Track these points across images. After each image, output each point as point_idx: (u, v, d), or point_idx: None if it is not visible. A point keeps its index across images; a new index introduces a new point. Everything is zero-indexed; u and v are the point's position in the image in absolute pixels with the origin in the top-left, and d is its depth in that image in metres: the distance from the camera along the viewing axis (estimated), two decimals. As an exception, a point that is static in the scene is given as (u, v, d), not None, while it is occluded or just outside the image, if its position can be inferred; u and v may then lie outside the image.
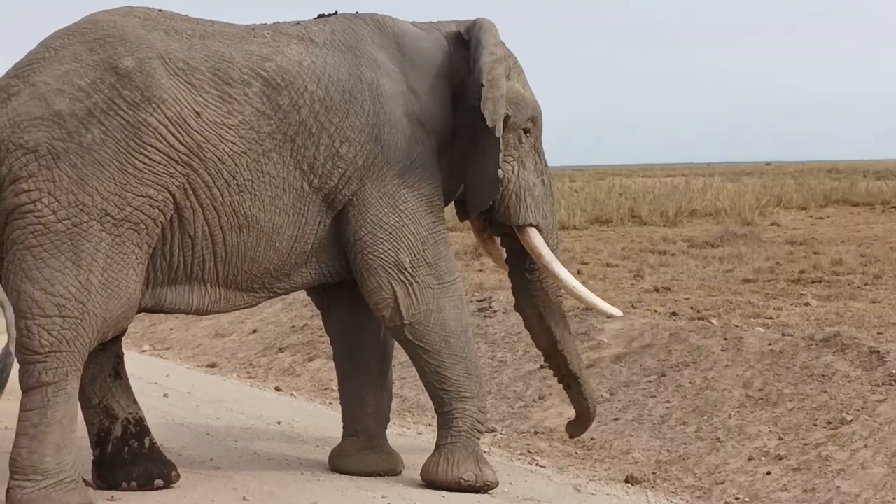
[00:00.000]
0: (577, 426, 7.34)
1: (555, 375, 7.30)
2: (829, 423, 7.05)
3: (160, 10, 6.16)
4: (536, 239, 6.81)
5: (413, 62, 6.50)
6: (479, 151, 6.53)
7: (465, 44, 6.61)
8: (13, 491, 5.75)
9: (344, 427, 7.01)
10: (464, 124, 6.58)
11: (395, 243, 6.30)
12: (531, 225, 6.79)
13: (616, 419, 7.96)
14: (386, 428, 7.04)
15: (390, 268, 6.31)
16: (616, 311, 7.24)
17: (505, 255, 7.10)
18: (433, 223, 6.42)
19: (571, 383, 7.17)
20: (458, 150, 6.63)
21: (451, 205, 6.93)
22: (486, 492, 6.51)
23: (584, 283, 12.76)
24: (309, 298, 7.72)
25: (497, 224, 6.95)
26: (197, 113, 5.84)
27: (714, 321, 9.31)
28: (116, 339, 6.37)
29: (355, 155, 6.19)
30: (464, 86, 6.57)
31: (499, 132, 6.37)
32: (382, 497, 6.39)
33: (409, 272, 6.33)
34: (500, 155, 6.41)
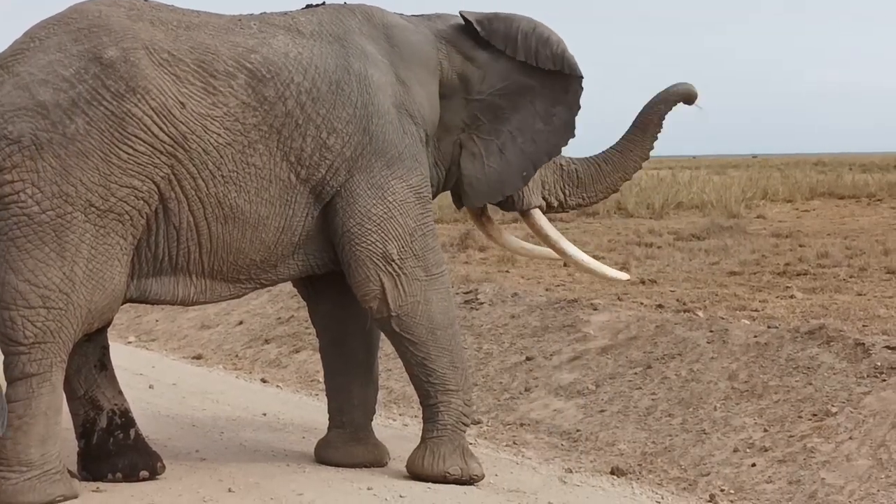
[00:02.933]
0: None
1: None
2: (815, 415, 7.06)
3: (146, 0, 6.13)
4: (542, 220, 6.92)
5: (402, 53, 6.48)
6: (485, 146, 6.61)
7: (465, 37, 6.66)
8: (-2, 482, 5.74)
9: (330, 418, 7.01)
10: (456, 119, 6.61)
11: (382, 235, 6.28)
12: (535, 207, 6.86)
13: (602, 411, 7.97)
14: (372, 419, 7.04)
15: (378, 259, 6.28)
16: (624, 276, 7.44)
17: (504, 235, 7.22)
18: (421, 214, 6.40)
19: None
20: (445, 145, 6.65)
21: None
22: (472, 484, 6.50)
23: (570, 274, 12.78)
24: (295, 290, 7.71)
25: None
26: (181, 104, 5.81)
27: (700, 313, 9.33)
28: (102, 330, 6.35)
29: (343, 146, 6.16)
30: (463, 78, 6.59)
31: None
32: (368, 488, 6.39)
33: (396, 264, 6.31)
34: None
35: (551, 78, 6.63)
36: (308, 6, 6.54)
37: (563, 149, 6.84)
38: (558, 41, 6.66)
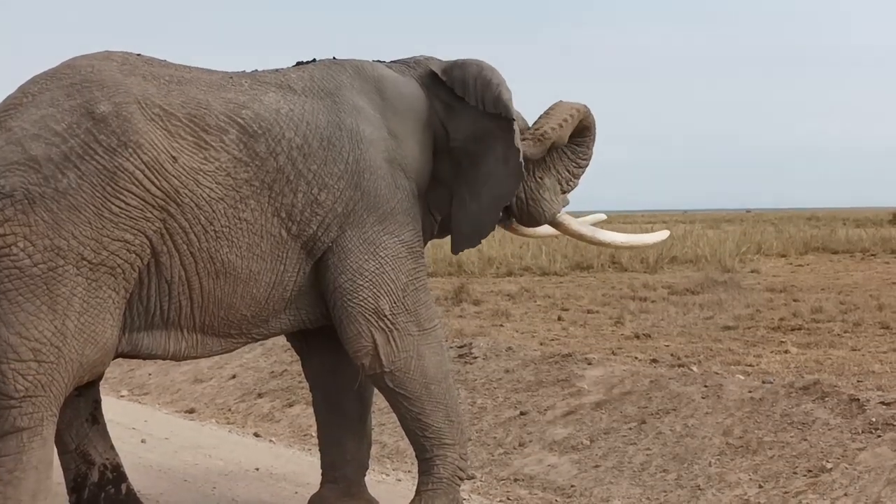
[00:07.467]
0: None
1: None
2: (810, 471, 7.04)
3: (139, 55, 6.14)
4: (571, 222, 6.90)
5: (394, 107, 6.45)
6: (468, 187, 6.51)
7: (442, 85, 6.60)
8: (-13, 538, 5.69)
9: (323, 473, 6.97)
10: (444, 167, 6.57)
11: (374, 290, 6.25)
12: (559, 211, 6.80)
13: (596, 466, 7.93)
14: (365, 474, 7.00)
15: (370, 315, 6.25)
16: (664, 234, 7.61)
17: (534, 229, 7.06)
18: (413, 269, 6.38)
19: None
20: (438, 195, 6.62)
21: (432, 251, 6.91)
22: (464, 539, 6.46)
23: (564, 329, 12.76)
24: (288, 344, 7.69)
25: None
26: (173, 158, 5.81)
27: (694, 368, 9.32)
28: (94, 384, 6.33)
29: (334, 202, 6.15)
30: (447, 126, 6.54)
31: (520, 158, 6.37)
32: (360, 545, 6.35)
33: (388, 319, 6.28)
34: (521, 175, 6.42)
35: (499, 121, 6.52)
36: (299, 63, 6.54)
37: (516, 192, 6.70)
38: (498, 84, 6.50)
